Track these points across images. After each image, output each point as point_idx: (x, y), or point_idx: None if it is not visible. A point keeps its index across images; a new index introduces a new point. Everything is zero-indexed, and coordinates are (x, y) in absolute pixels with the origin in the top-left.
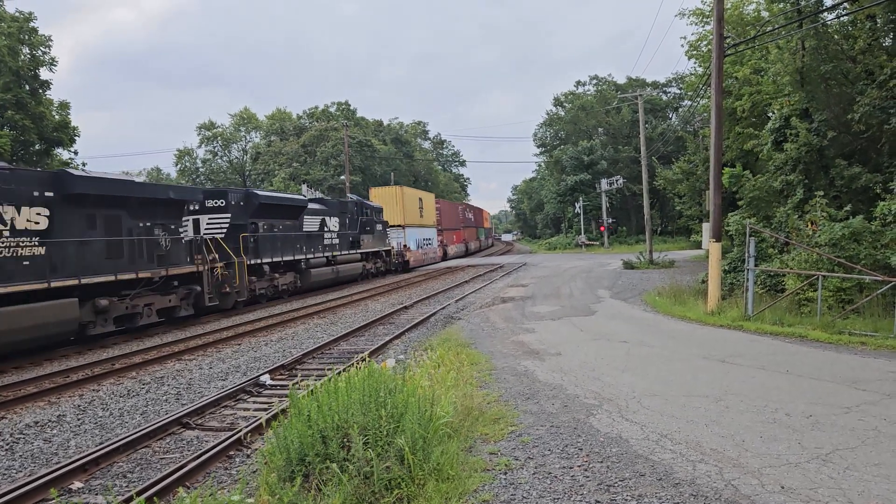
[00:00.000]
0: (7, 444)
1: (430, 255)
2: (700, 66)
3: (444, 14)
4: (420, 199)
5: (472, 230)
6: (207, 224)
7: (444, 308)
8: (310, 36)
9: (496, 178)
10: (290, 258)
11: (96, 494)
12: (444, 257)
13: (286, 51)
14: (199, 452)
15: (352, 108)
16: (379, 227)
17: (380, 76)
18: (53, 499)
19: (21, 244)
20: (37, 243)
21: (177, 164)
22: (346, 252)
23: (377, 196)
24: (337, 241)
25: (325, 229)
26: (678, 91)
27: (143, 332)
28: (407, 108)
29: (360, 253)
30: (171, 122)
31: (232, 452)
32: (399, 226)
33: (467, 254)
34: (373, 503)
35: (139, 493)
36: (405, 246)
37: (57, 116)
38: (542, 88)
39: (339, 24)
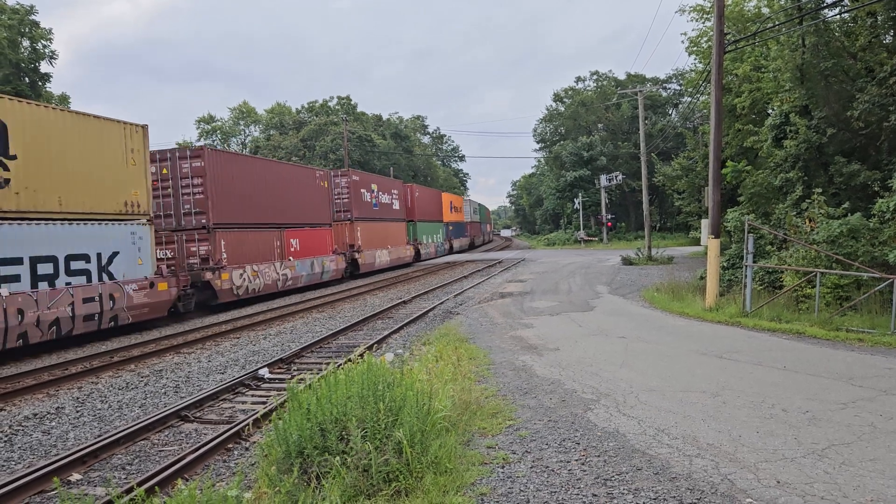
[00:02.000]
0: (6, 436)
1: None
2: (700, 62)
3: (441, 10)
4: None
5: (398, 226)
6: None
7: (442, 303)
8: (306, 31)
9: (495, 174)
10: None
11: (95, 486)
12: (164, 305)
13: (282, 46)
14: (198, 445)
15: (352, 102)
16: None
17: (376, 72)
18: (53, 490)
19: None
20: None
21: None
22: None
23: None
24: None
25: None
26: (678, 87)
27: (142, 326)
28: (404, 104)
29: None
30: (169, 117)
31: (230, 445)
32: None
33: (342, 280)
34: (371, 495)
35: (139, 485)
36: None
37: None
38: (539, 85)
39: (335, 20)
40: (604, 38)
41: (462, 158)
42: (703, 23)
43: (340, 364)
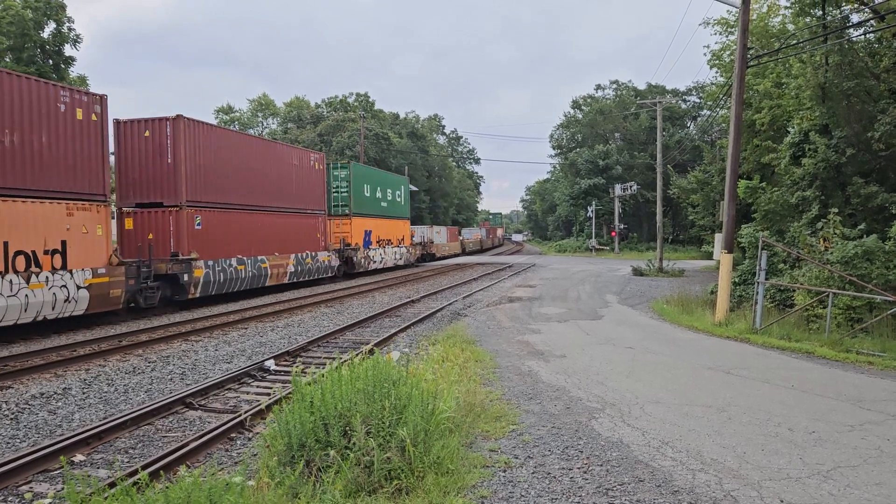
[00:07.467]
0: (12, 414)
1: None
2: (722, 75)
3: (461, 8)
4: None
5: None
6: None
7: (450, 304)
8: (326, 22)
9: (509, 178)
10: None
11: (98, 468)
12: None
13: (300, 36)
14: (202, 433)
15: (371, 99)
16: None
17: (395, 67)
18: (56, 469)
19: None
20: None
21: None
22: None
23: None
24: None
25: None
26: (697, 100)
27: (151, 313)
28: (420, 101)
29: None
30: (185, 103)
31: (233, 434)
32: None
33: None
34: (372, 492)
35: (143, 468)
36: None
37: None
38: (557, 88)
39: (357, 12)
40: (624, 45)
41: (477, 161)
42: (727, 36)
43: (346, 360)
